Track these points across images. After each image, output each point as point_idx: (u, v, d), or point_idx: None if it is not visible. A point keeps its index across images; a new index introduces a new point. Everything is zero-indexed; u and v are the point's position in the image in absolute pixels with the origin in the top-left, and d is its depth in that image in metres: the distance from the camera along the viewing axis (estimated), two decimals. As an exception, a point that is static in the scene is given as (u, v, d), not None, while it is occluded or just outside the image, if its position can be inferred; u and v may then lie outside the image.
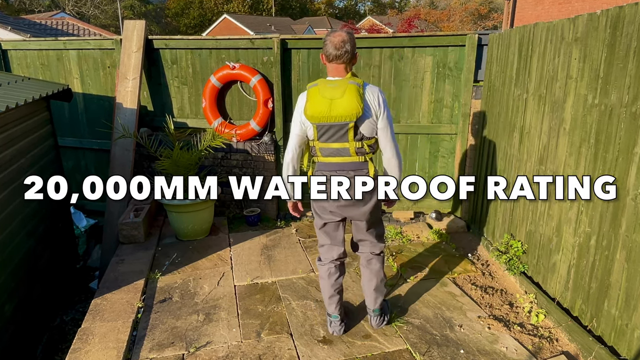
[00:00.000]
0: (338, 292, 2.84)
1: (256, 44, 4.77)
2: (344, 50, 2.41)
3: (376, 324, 2.97)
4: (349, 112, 2.39)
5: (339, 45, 2.40)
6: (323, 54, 2.48)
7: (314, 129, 2.50)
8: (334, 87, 2.43)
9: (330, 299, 2.85)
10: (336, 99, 2.39)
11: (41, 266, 4.11)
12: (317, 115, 2.43)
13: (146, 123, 5.17)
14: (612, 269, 2.53)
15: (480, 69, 4.43)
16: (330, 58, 2.45)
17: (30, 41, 5.38)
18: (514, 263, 3.55)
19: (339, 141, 2.50)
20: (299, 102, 2.57)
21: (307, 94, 2.49)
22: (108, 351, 2.74)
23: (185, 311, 3.20)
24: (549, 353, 2.74)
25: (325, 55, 2.47)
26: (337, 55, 2.42)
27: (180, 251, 4.11)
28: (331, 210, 2.65)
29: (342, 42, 2.40)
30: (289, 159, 2.66)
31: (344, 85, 2.41)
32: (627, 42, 2.38)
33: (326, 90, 2.43)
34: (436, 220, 4.71)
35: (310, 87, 2.49)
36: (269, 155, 4.85)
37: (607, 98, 2.54)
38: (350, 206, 2.61)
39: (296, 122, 2.58)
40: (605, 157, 2.57)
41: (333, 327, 2.92)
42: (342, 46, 2.40)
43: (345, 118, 2.40)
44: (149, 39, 4.93)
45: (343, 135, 2.48)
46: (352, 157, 2.53)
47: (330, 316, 2.91)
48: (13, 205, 3.62)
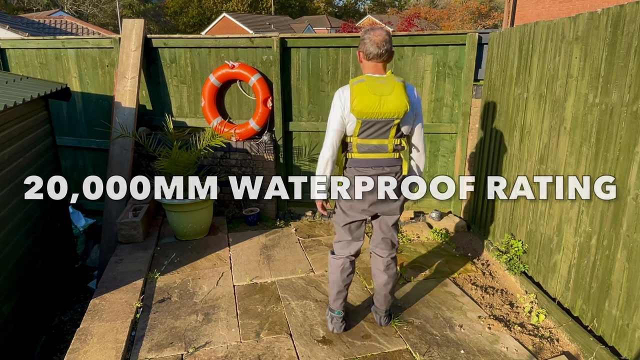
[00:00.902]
0: (346, 288, 2.86)
1: (255, 43, 4.75)
2: (385, 49, 2.44)
3: (385, 324, 3.00)
4: (398, 109, 2.42)
5: (381, 44, 2.42)
6: (361, 51, 2.49)
7: (358, 125, 2.48)
8: (383, 83, 2.43)
9: (339, 294, 2.84)
10: (385, 95, 2.41)
11: (39, 266, 4.09)
12: (367, 111, 2.41)
13: (145, 122, 5.15)
14: (613, 269, 2.52)
15: (480, 68, 4.42)
16: (371, 56, 2.46)
17: (29, 40, 5.36)
18: (515, 263, 3.54)
19: (380, 137, 2.52)
20: (338, 98, 2.50)
21: (353, 89, 2.42)
22: (107, 351, 2.72)
23: (184, 311, 3.18)
24: (549, 353, 2.73)
25: (364, 54, 2.48)
26: (379, 54, 2.44)
27: (179, 251, 4.09)
28: (363, 209, 2.66)
29: (384, 42, 2.43)
30: (328, 155, 2.57)
31: (392, 82, 2.44)
32: (628, 41, 2.37)
33: (376, 86, 2.42)
34: (436, 219, 4.70)
35: (356, 84, 2.43)
36: (268, 154, 4.84)
37: (608, 97, 2.53)
38: (384, 202, 2.64)
39: (336, 118, 2.51)
40: (606, 156, 2.56)
41: (334, 323, 2.91)
42: (383, 45, 2.43)
43: (393, 114, 2.43)
44: (147, 37, 4.91)
45: (386, 131, 2.50)
46: (389, 154, 2.56)
47: (334, 312, 2.90)
48: (11, 204, 3.61)
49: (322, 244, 4.26)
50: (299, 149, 5.01)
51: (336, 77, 4.74)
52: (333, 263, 2.83)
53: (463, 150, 4.63)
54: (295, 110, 4.91)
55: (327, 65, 4.72)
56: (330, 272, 2.85)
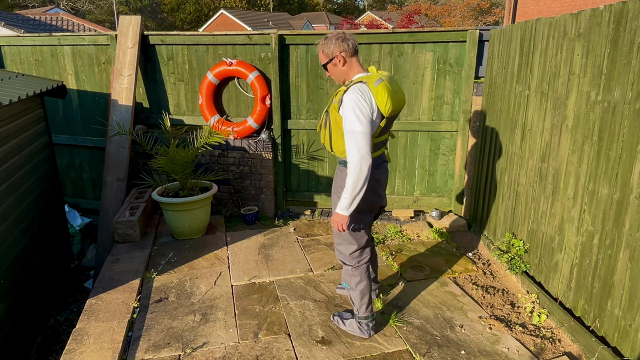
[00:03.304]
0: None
1: (254, 40, 4.70)
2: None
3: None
4: (404, 103, 2.55)
5: (354, 38, 2.49)
6: (344, 51, 2.45)
7: (383, 124, 2.46)
8: (391, 80, 2.50)
9: (370, 298, 2.80)
10: (398, 91, 2.48)
11: (35, 266, 4.05)
12: (395, 109, 2.43)
13: (142, 120, 5.11)
14: (615, 269, 2.49)
15: (481, 65, 4.38)
16: (354, 50, 2.48)
17: (24, 37, 5.30)
18: (516, 262, 3.51)
19: (388, 133, 2.63)
20: (363, 99, 2.33)
21: (378, 89, 2.34)
22: (103, 352, 2.69)
23: (181, 311, 3.15)
24: (551, 354, 2.70)
25: (350, 51, 2.47)
26: (357, 47, 2.50)
27: (177, 250, 4.05)
28: (380, 205, 2.76)
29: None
30: (370, 163, 2.34)
31: (393, 78, 2.55)
32: (630, 38, 2.34)
33: (391, 82, 2.45)
34: (437, 219, 4.66)
35: (379, 83, 2.35)
36: (266, 152, 4.80)
37: (610, 95, 2.50)
38: (385, 195, 2.81)
39: (367, 121, 2.33)
40: (608, 154, 2.53)
41: (371, 327, 2.83)
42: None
43: (402, 109, 2.56)
44: (144, 34, 4.86)
45: (391, 126, 2.60)
46: (385, 149, 2.70)
47: (369, 317, 2.81)
48: (6, 203, 3.57)
49: (321, 243, 4.23)
50: (297, 147, 4.97)
51: (335, 75, 4.69)
52: (360, 272, 2.72)
53: (464, 148, 4.60)
54: (294, 108, 4.87)
55: (326, 62, 4.67)
56: (359, 282, 2.72)
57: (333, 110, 2.48)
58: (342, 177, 2.54)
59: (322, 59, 2.54)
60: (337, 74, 2.53)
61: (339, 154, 2.56)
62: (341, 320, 2.94)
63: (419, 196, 4.93)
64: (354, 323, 2.87)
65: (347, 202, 2.41)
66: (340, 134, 2.45)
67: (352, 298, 2.80)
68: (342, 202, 2.43)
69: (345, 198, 2.41)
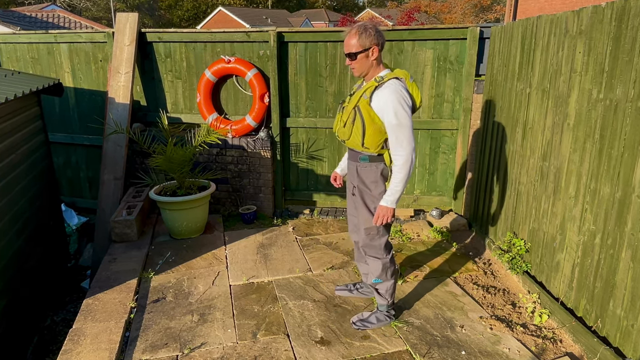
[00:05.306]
0: None
1: (252, 37, 4.66)
2: None
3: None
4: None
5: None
6: (378, 43, 2.47)
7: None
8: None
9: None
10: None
11: (31, 265, 4.02)
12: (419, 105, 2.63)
13: (139, 118, 5.06)
14: (617, 268, 2.47)
15: (482, 63, 4.35)
16: (384, 45, 2.54)
17: (20, 34, 5.26)
18: (517, 262, 3.49)
19: None
20: (402, 96, 2.43)
21: (413, 86, 2.55)
22: (100, 352, 2.67)
23: (179, 311, 3.12)
24: (552, 354, 2.68)
25: (382, 45, 2.50)
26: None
27: (174, 250, 4.02)
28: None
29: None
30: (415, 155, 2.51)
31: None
32: (632, 35, 2.31)
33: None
34: (437, 218, 4.64)
35: (410, 80, 2.55)
36: (265, 151, 4.76)
37: (612, 92, 2.47)
38: None
39: (410, 115, 2.46)
40: (610, 153, 2.50)
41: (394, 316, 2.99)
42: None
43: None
44: (142, 32, 4.82)
45: None
46: None
47: (393, 303, 2.96)
48: (2, 202, 3.53)
49: (320, 243, 4.20)
50: (296, 145, 4.94)
51: (334, 72, 4.66)
52: (393, 260, 2.82)
53: (464, 146, 4.57)
54: (293, 106, 4.83)
55: (326, 60, 4.64)
56: (394, 270, 2.83)
57: (365, 105, 2.47)
58: (368, 172, 2.62)
59: (355, 47, 2.46)
60: (365, 65, 2.50)
61: (372, 149, 2.56)
62: (366, 323, 2.92)
63: (419, 195, 4.90)
64: (379, 316, 2.93)
65: (399, 195, 2.53)
66: (376, 129, 2.48)
67: (384, 290, 2.84)
68: (394, 194, 2.52)
69: (398, 191, 2.51)
